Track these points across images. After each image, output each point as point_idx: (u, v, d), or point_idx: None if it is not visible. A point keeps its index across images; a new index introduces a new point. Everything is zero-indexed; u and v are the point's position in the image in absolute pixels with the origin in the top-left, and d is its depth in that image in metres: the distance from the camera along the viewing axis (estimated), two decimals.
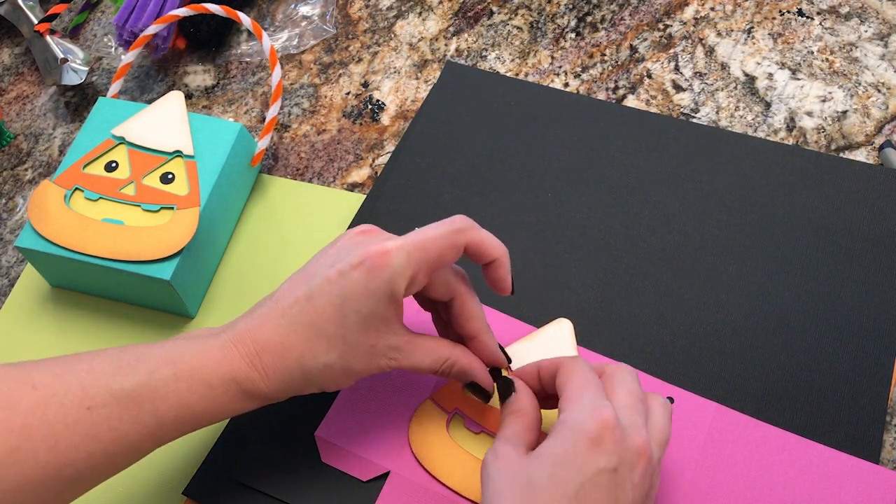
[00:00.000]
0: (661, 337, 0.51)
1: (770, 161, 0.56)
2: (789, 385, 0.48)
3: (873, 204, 0.54)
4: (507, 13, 0.68)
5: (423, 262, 0.42)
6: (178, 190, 0.56)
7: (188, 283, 0.55)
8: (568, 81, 0.64)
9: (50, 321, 0.58)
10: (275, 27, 0.71)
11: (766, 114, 0.60)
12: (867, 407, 0.47)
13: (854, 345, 0.49)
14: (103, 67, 0.72)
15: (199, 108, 0.68)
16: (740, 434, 0.47)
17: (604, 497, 0.38)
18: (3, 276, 0.62)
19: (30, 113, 0.71)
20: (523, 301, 0.53)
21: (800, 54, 0.62)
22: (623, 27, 0.66)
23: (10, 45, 0.76)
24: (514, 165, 0.59)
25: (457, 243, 0.43)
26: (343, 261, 0.42)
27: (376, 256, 0.41)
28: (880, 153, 0.57)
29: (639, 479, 0.39)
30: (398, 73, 0.67)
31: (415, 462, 0.47)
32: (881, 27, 0.62)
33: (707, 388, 0.49)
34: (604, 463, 0.38)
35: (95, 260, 0.54)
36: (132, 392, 0.41)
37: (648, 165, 0.57)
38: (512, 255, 0.54)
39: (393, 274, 0.41)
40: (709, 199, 0.55)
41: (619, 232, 0.55)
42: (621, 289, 0.53)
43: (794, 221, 0.54)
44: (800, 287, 0.51)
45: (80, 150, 0.58)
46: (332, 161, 0.63)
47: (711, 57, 0.63)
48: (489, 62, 0.66)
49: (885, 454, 0.47)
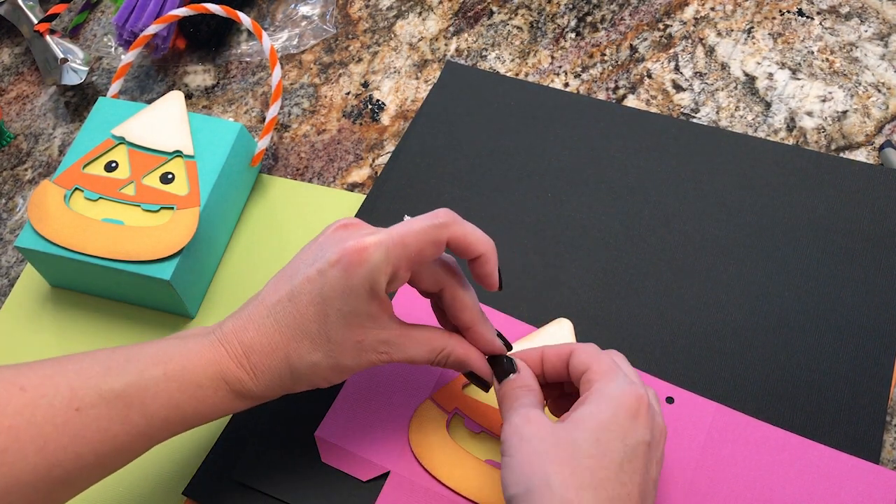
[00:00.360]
0: (661, 337, 0.51)
1: (770, 161, 0.56)
2: (789, 385, 0.48)
3: (873, 204, 0.54)
4: (507, 13, 0.68)
5: (402, 257, 0.41)
6: (178, 190, 0.56)
7: (188, 283, 0.55)
8: (568, 81, 0.64)
9: (50, 321, 0.58)
10: (275, 27, 0.71)
11: (767, 114, 0.60)
12: (867, 407, 0.47)
13: (854, 345, 0.49)
14: (103, 67, 0.72)
15: (199, 108, 0.68)
16: (740, 434, 0.46)
17: (642, 468, 0.39)
18: (3, 276, 0.62)
19: (30, 113, 0.71)
20: (523, 301, 0.53)
21: (800, 54, 0.62)
22: (623, 27, 0.66)
23: (10, 45, 0.76)
24: (514, 165, 0.59)
25: (438, 238, 0.42)
26: (322, 258, 0.42)
27: (353, 253, 0.41)
28: (880, 153, 0.57)
29: (661, 458, 0.40)
30: (398, 73, 0.67)
31: (415, 462, 0.47)
32: (881, 27, 0.62)
33: (707, 388, 0.49)
34: (641, 435, 0.39)
35: (95, 260, 0.54)
36: (122, 392, 0.40)
37: (648, 165, 0.57)
38: (512, 255, 0.55)
39: (371, 270, 0.41)
40: (709, 199, 0.55)
41: (619, 232, 0.55)
42: (621, 289, 0.53)
43: (794, 221, 0.54)
44: (800, 287, 0.51)
45: (80, 150, 0.58)
46: (332, 161, 0.63)
47: (711, 57, 0.63)
48: (489, 62, 0.66)
49: (885, 454, 0.47)
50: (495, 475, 0.46)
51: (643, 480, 0.38)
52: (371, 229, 0.43)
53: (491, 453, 0.47)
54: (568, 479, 0.37)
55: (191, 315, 0.56)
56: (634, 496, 0.38)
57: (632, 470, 0.38)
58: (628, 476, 0.38)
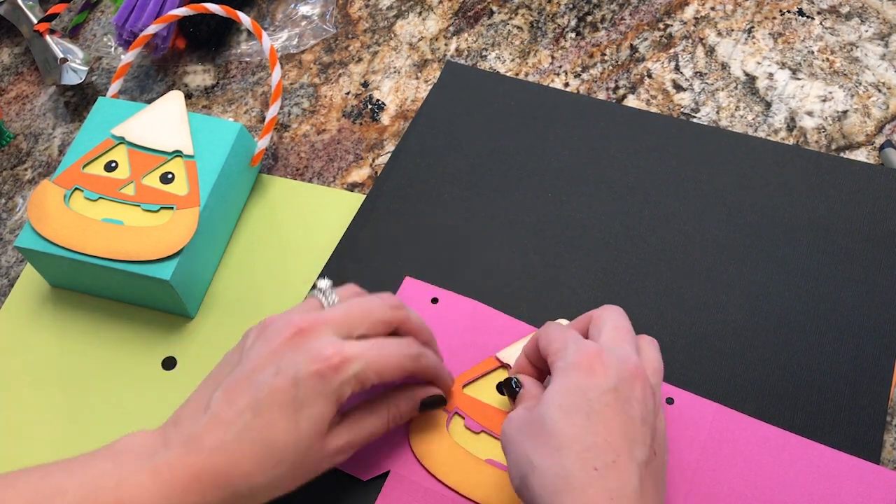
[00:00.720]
0: (661, 337, 0.51)
1: (770, 161, 0.56)
2: (789, 385, 0.48)
3: (873, 204, 0.54)
4: (507, 13, 0.68)
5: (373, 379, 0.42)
6: (177, 190, 0.56)
7: (188, 283, 0.55)
8: (568, 81, 0.64)
9: (50, 321, 0.58)
10: (275, 27, 0.71)
11: (767, 114, 0.60)
12: (867, 407, 0.47)
13: (854, 345, 0.49)
14: (103, 67, 0.72)
15: (199, 107, 0.68)
16: (740, 434, 0.46)
17: (614, 413, 0.39)
18: (2, 276, 0.62)
19: (29, 113, 0.71)
20: (523, 301, 0.53)
21: (800, 54, 0.62)
22: (623, 27, 0.66)
23: (10, 45, 0.76)
24: (514, 165, 0.59)
25: (406, 370, 0.44)
26: (292, 368, 0.41)
27: (338, 364, 0.41)
28: (880, 153, 0.57)
29: (640, 395, 0.40)
30: (398, 72, 0.67)
31: (415, 462, 0.47)
32: (881, 27, 0.62)
33: (707, 388, 0.49)
34: (603, 385, 0.39)
35: (95, 260, 0.54)
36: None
37: (648, 165, 0.57)
38: (512, 255, 0.55)
39: (347, 380, 0.41)
40: (709, 199, 0.55)
41: (619, 232, 0.55)
42: (621, 289, 0.53)
43: (794, 221, 0.54)
44: (800, 287, 0.51)
45: (80, 150, 0.58)
46: (332, 161, 0.63)
47: (712, 57, 0.63)
48: (489, 62, 0.66)
49: (885, 454, 0.47)
50: (495, 475, 0.46)
51: (622, 423, 0.39)
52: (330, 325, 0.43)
53: (491, 453, 0.47)
54: (543, 450, 0.39)
55: (191, 315, 0.56)
56: (614, 441, 0.38)
57: (602, 419, 0.38)
58: (601, 425, 0.38)
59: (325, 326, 0.43)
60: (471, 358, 0.50)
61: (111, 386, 0.55)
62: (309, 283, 0.56)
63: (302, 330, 0.42)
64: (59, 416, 0.54)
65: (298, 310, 0.45)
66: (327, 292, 0.46)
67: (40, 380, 0.56)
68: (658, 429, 0.41)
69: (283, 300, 0.56)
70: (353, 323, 0.43)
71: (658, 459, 0.40)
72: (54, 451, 0.53)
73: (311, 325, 0.42)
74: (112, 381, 0.55)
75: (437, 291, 0.53)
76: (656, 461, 0.39)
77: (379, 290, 0.54)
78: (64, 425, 0.54)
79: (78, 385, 0.55)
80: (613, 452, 0.38)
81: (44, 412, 0.54)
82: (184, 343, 0.56)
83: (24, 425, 0.54)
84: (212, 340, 0.56)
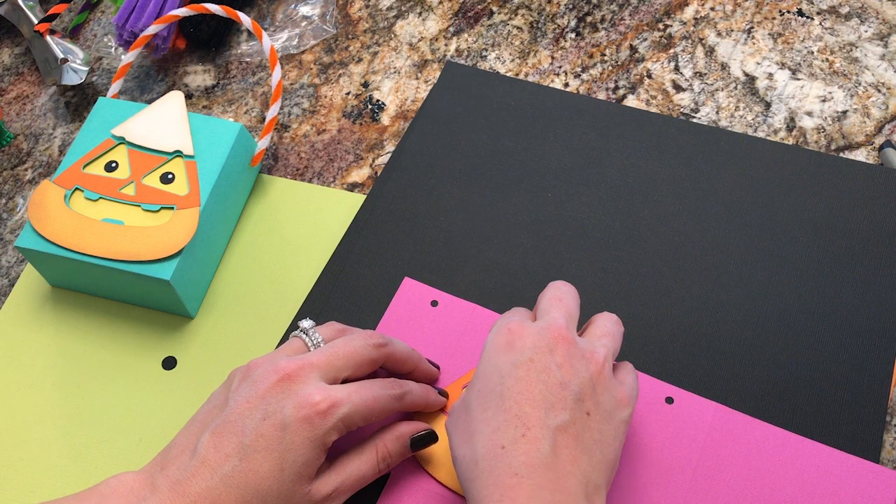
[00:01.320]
0: (661, 337, 0.51)
1: (770, 161, 0.56)
2: (789, 385, 0.48)
3: (873, 204, 0.54)
4: (507, 13, 0.68)
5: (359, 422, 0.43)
6: (178, 190, 0.56)
7: (188, 283, 0.55)
8: (568, 81, 0.64)
9: (50, 321, 0.58)
10: (275, 27, 0.71)
11: (766, 114, 0.60)
12: (867, 407, 0.47)
13: (854, 345, 0.49)
14: (103, 67, 0.72)
15: (199, 108, 0.68)
16: (740, 434, 0.47)
17: (528, 385, 0.39)
18: (3, 276, 0.62)
19: (30, 113, 0.71)
20: (523, 301, 0.53)
21: (800, 54, 0.62)
22: (623, 27, 0.66)
23: (10, 45, 0.76)
24: (514, 165, 0.59)
25: (392, 410, 0.45)
26: (279, 413, 0.41)
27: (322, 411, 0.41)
28: (880, 153, 0.57)
29: (562, 360, 0.40)
30: (398, 73, 0.67)
31: (415, 462, 0.47)
32: (881, 27, 0.62)
33: (707, 388, 0.49)
34: (515, 357, 0.40)
35: (95, 260, 0.54)
36: None
37: (648, 165, 0.57)
38: (512, 255, 0.55)
39: (331, 428, 0.41)
40: (709, 199, 0.55)
41: (619, 232, 0.55)
42: (621, 289, 0.53)
43: (794, 221, 0.54)
44: (800, 287, 0.51)
45: (80, 150, 0.58)
46: (332, 161, 0.63)
47: (711, 57, 0.63)
48: (489, 62, 0.66)
49: (885, 454, 0.47)
50: None
51: (537, 393, 0.39)
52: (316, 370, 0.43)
53: None
54: (461, 439, 0.40)
55: (191, 315, 0.56)
56: (526, 413, 0.38)
57: (513, 394, 0.39)
58: (511, 400, 0.39)
59: (311, 371, 0.43)
60: (469, 360, 0.50)
61: (111, 386, 0.55)
62: (309, 284, 0.56)
63: (288, 375, 0.42)
64: (58, 416, 0.54)
65: (283, 352, 0.45)
66: (311, 333, 0.46)
67: (40, 380, 0.56)
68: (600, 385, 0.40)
69: (282, 300, 0.56)
70: (339, 366, 0.44)
71: (592, 418, 0.39)
72: (54, 451, 0.53)
73: (297, 369, 0.42)
74: (112, 381, 0.55)
75: (436, 294, 0.53)
76: (587, 421, 0.39)
77: (379, 291, 0.54)
78: (64, 425, 0.54)
79: (78, 385, 0.55)
80: (523, 426, 0.38)
81: (44, 412, 0.54)
82: (184, 343, 0.56)
83: (24, 425, 0.54)
84: (212, 340, 0.56)
